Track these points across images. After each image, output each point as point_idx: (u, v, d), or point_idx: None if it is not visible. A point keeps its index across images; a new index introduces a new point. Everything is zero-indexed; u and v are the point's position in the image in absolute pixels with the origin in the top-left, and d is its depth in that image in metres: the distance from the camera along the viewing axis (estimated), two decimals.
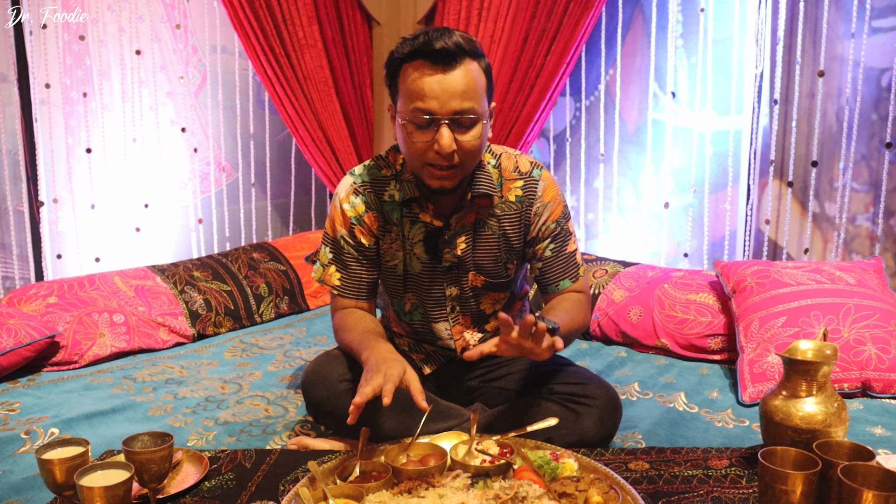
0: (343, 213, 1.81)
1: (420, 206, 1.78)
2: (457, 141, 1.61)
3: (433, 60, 1.57)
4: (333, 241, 1.84)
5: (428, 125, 1.60)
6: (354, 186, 1.82)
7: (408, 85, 1.61)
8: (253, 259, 3.19)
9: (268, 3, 3.24)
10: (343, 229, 1.81)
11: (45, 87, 3.00)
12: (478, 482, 1.48)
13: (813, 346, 1.63)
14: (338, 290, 1.85)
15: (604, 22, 3.22)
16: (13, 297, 2.60)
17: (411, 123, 1.62)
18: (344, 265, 1.83)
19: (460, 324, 1.90)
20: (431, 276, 1.85)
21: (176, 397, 2.21)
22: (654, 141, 3.19)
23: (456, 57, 1.58)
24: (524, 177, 1.81)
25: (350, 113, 3.58)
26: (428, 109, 1.59)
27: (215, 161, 3.57)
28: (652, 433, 1.94)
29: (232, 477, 1.63)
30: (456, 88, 1.58)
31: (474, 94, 1.61)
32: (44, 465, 1.43)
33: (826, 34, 2.72)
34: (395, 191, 1.80)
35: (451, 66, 1.58)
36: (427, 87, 1.58)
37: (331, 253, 1.85)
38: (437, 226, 1.79)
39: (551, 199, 1.82)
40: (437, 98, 1.58)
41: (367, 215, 1.80)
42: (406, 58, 1.62)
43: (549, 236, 1.83)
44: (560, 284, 1.86)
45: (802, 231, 2.86)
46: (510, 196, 1.81)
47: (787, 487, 1.33)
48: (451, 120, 1.60)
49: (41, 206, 3.04)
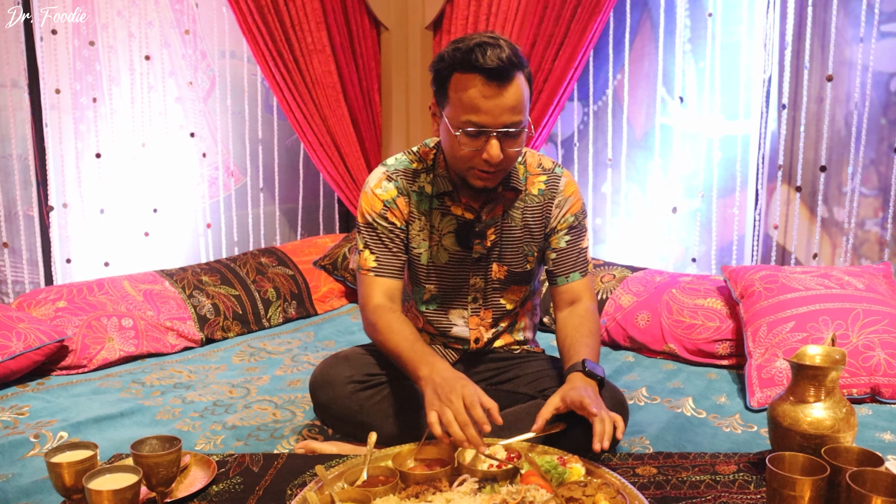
0: (376, 196, 1.85)
1: (452, 199, 1.84)
2: (504, 150, 1.67)
3: (488, 77, 1.61)
4: (366, 226, 1.87)
5: (477, 136, 1.66)
6: (387, 174, 1.87)
7: (460, 96, 1.65)
8: (261, 264, 3.20)
9: (276, 9, 3.25)
10: (375, 212, 1.85)
11: (56, 92, 3.03)
12: (485, 487, 1.48)
13: (821, 352, 1.63)
14: (374, 271, 1.85)
15: (612, 27, 3.22)
16: (23, 301, 2.61)
17: (463, 134, 1.67)
18: (379, 245, 1.86)
19: (478, 316, 1.93)
20: (458, 267, 1.89)
21: (184, 401, 2.22)
22: (662, 146, 3.19)
23: (510, 73, 1.62)
24: (547, 172, 1.90)
25: (358, 118, 3.59)
26: (480, 123, 1.64)
27: (224, 166, 3.58)
28: (660, 438, 1.93)
29: (240, 481, 1.63)
30: (508, 104, 1.63)
31: (522, 107, 1.67)
32: (53, 469, 1.43)
33: (834, 38, 2.71)
34: (425, 183, 1.86)
35: (505, 84, 1.62)
36: (482, 104, 1.63)
37: (366, 237, 1.87)
38: (468, 218, 1.85)
39: (571, 194, 1.90)
40: (489, 113, 1.63)
41: (399, 199, 1.85)
42: (458, 67, 1.65)
43: (567, 228, 1.90)
44: (570, 276, 1.90)
45: (811, 236, 2.85)
46: (533, 190, 1.89)
47: (795, 493, 1.32)
48: (500, 133, 1.65)
49: (51, 210, 3.06)
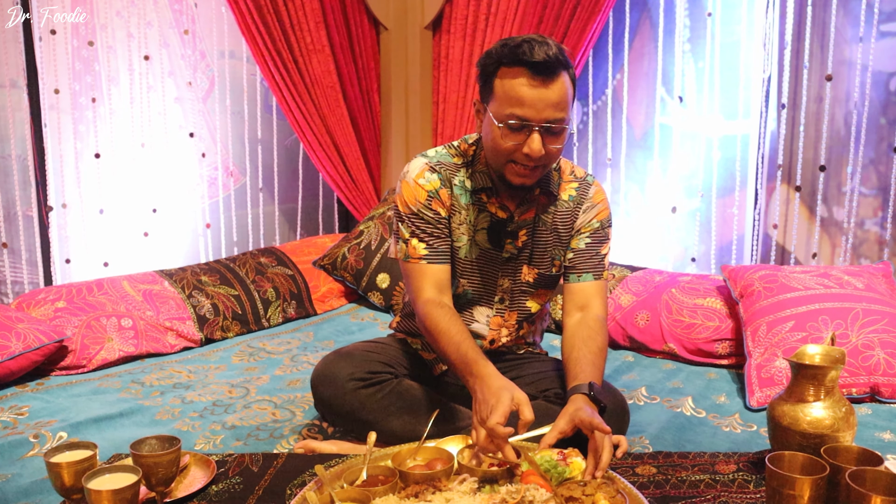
0: (420, 186, 1.84)
1: (489, 195, 1.85)
2: (545, 147, 1.68)
3: (534, 71, 1.63)
4: (412, 215, 1.85)
5: (520, 129, 1.67)
6: (429, 165, 1.86)
7: (506, 90, 1.67)
8: (260, 264, 3.20)
9: (275, 9, 3.25)
10: (420, 202, 1.84)
11: (55, 92, 3.02)
12: (484, 486, 1.48)
13: (821, 351, 1.63)
14: (426, 259, 1.84)
15: (611, 26, 3.22)
16: (22, 302, 2.61)
17: (506, 126, 1.68)
18: (428, 233, 1.85)
19: (502, 317, 1.94)
20: (489, 265, 1.90)
21: (183, 401, 2.22)
22: (661, 145, 3.19)
23: (555, 70, 1.64)
24: (579, 180, 1.93)
25: (357, 118, 3.59)
26: (524, 117, 1.65)
27: (223, 166, 3.58)
28: (659, 438, 1.93)
29: (239, 481, 1.63)
30: (552, 100, 1.65)
31: (566, 105, 1.68)
32: (52, 469, 1.44)
33: (834, 38, 2.71)
34: (465, 177, 1.86)
35: (551, 80, 1.64)
36: (527, 97, 1.64)
37: (412, 225, 1.85)
38: (501, 217, 1.86)
39: (600, 202, 1.93)
40: (533, 107, 1.64)
41: (442, 191, 1.85)
42: (505, 61, 1.66)
43: (590, 231, 1.91)
44: (583, 276, 1.90)
45: (810, 235, 2.85)
46: (564, 196, 1.90)
47: (794, 492, 1.32)
48: (542, 128, 1.66)
49: (50, 210, 3.06)
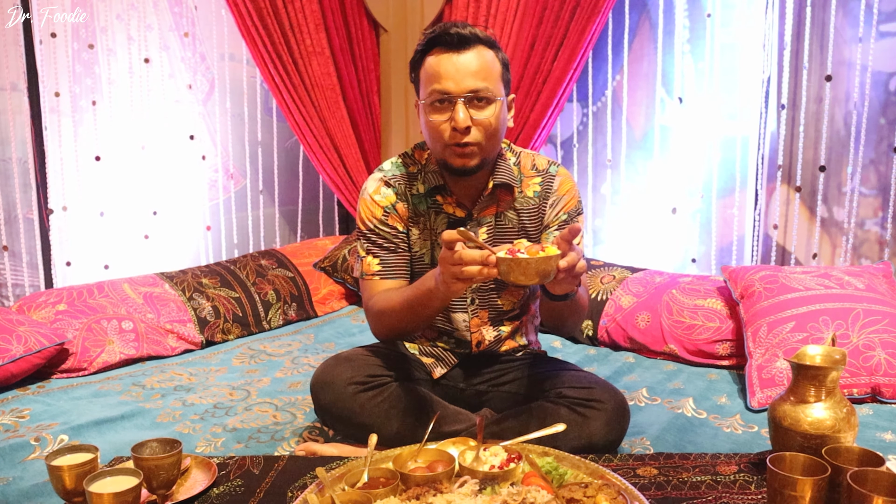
0: (375, 202, 1.86)
1: (443, 195, 1.85)
2: (473, 119, 1.68)
3: (447, 46, 1.68)
4: (368, 231, 1.87)
5: (444, 104, 1.69)
6: (384, 179, 1.87)
7: (426, 70, 1.71)
8: (261, 266, 3.20)
9: (275, 11, 3.26)
10: (376, 218, 1.85)
11: (55, 95, 3.03)
12: (486, 488, 1.48)
13: (822, 352, 1.63)
14: (378, 274, 1.85)
15: (611, 27, 3.22)
16: (23, 305, 2.61)
17: (430, 105, 1.70)
18: (381, 249, 1.86)
19: (478, 317, 1.93)
20: None
21: (184, 404, 2.22)
22: (661, 146, 3.19)
23: (470, 41, 1.68)
24: (542, 174, 1.89)
25: (357, 120, 3.59)
26: (444, 90, 1.68)
27: (223, 168, 3.58)
28: (660, 439, 1.93)
29: (240, 483, 1.63)
30: (469, 68, 1.67)
31: (488, 74, 1.69)
32: (53, 472, 1.43)
33: (833, 38, 2.71)
34: (420, 184, 1.86)
35: (465, 48, 1.68)
36: (443, 69, 1.68)
37: (366, 243, 1.87)
38: (459, 216, 1.85)
39: (566, 193, 1.89)
40: (451, 78, 1.67)
41: (399, 205, 1.86)
42: (425, 48, 1.72)
43: (558, 225, 1.89)
44: None
45: (811, 236, 2.85)
46: (528, 192, 1.88)
47: (796, 493, 1.32)
48: (466, 98, 1.67)
49: (51, 213, 3.06)
